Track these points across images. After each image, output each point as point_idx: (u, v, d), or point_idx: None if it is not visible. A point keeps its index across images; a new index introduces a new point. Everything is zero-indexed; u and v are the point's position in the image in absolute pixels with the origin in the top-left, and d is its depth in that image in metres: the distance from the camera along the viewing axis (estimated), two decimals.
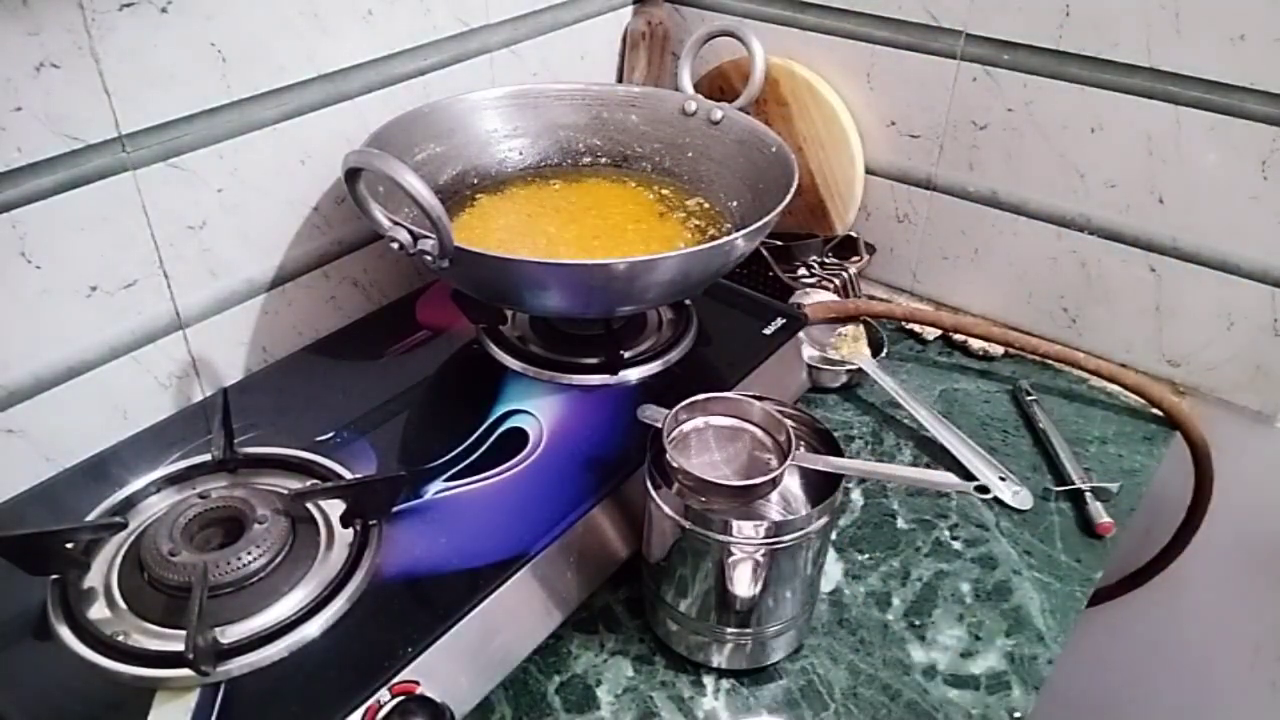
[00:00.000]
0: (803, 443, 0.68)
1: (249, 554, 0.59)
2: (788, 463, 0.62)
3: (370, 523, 0.64)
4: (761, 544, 0.60)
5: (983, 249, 1.02)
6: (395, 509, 0.65)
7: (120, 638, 0.56)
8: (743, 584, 0.62)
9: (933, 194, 1.02)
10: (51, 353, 0.70)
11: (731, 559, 0.61)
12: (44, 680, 0.55)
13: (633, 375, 0.78)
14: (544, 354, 0.80)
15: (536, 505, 0.66)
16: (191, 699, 0.53)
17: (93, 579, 0.60)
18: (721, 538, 0.60)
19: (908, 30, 0.96)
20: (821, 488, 0.66)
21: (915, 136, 1.00)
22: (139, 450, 0.71)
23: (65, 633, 0.56)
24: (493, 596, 0.61)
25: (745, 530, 0.60)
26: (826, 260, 1.04)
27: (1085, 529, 0.79)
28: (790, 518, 0.61)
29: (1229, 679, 1.03)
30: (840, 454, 0.65)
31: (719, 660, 0.66)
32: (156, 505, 0.66)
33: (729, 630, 0.65)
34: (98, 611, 0.58)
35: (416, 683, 0.56)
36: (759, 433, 0.67)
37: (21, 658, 0.56)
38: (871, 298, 1.05)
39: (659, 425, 0.65)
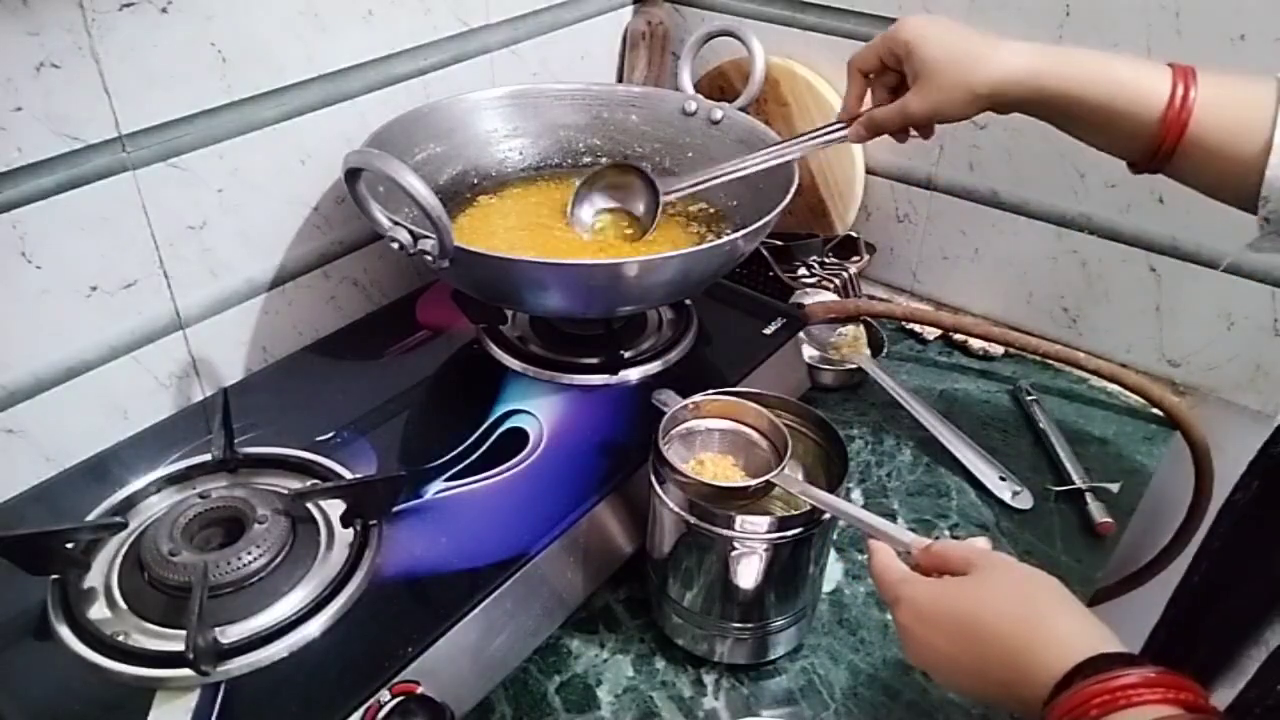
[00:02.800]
0: (805, 439, 0.68)
1: (249, 554, 0.59)
2: (769, 476, 0.62)
3: (370, 523, 0.64)
4: (765, 539, 0.60)
5: (983, 249, 1.02)
6: (395, 509, 0.65)
7: (120, 638, 0.56)
8: (746, 579, 0.62)
9: (933, 194, 1.02)
10: (51, 353, 0.70)
11: (735, 553, 0.61)
12: (44, 680, 0.55)
13: (633, 375, 0.78)
14: (544, 354, 0.80)
15: (537, 505, 0.66)
16: (191, 699, 0.53)
17: (93, 579, 0.60)
18: (726, 532, 0.60)
19: None
20: (824, 485, 0.66)
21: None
22: (139, 450, 0.71)
23: (65, 633, 0.56)
24: (493, 596, 0.61)
25: (749, 525, 0.60)
26: (826, 260, 1.04)
27: (1085, 529, 0.79)
28: (793, 514, 0.61)
29: None
30: (844, 451, 0.65)
31: (722, 653, 0.66)
32: (157, 505, 0.66)
33: (732, 624, 0.65)
34: (98, 611, 0.58)
35: (416, 683, 0.56)
36: (755, 435, 0.67)
37: (21, 658, 0.56)
38: (871, 298, 1.05)
39: (669, 411, 0.65)
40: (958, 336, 1.00)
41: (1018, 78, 0.64)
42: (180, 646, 0.52)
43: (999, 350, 0.99)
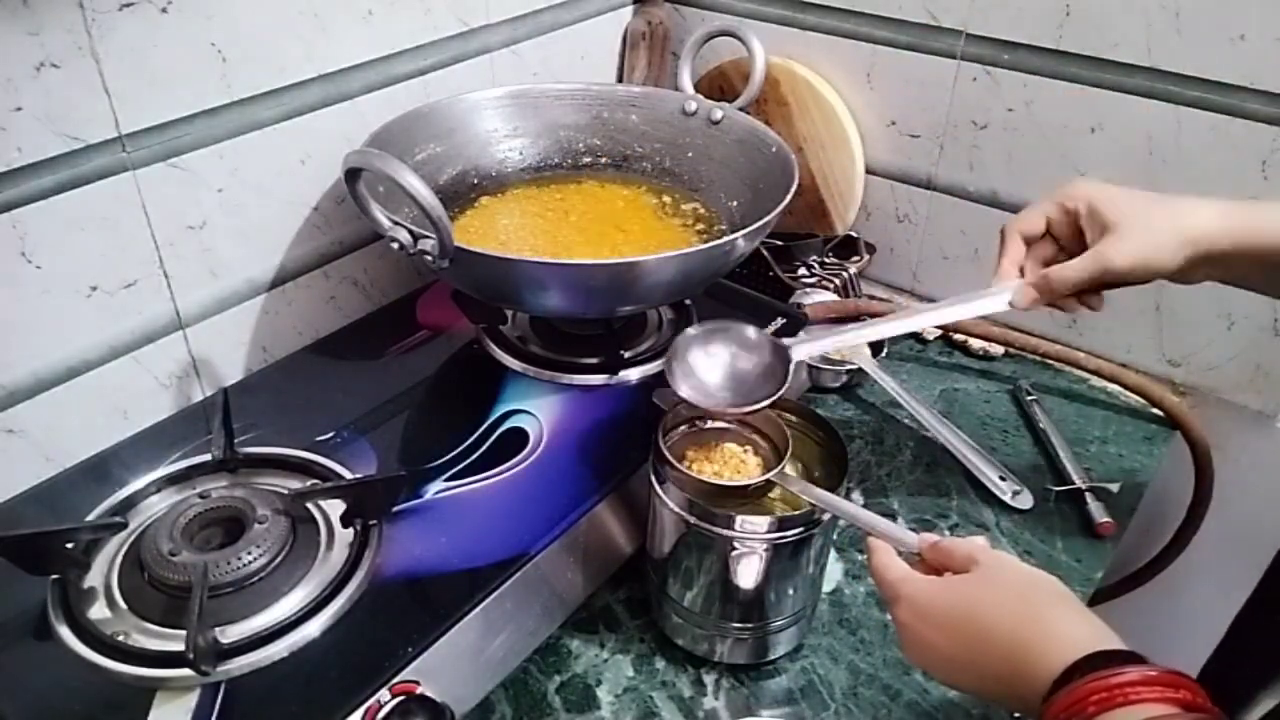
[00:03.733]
0: (805, 439, 0.68)
1: (249, 554, 0.59)
2: (769, 475, 0.62)
3: (370, 523, 0.64)
4: (765, 539, 0.60)
5: (983, 249, 1.02)
6: (395, 509, 0.65)
7: (120, 638, 0.56)
8: (746, 579, 0.62)
9: (933, 194, 1.02)
10: (51, 353, 0.70)
11: (735, 554, 0.61)
12: (44, 680, 0.55)
13: (633, 375, 0.78)
14: (544, 354, 0.80)
15: (537, 505, 0.66)
16: (191, 699, 0.53)
17: (93, 579, 0.60)
18: (726, 532, 0.60)
19: (908, 30, 0.96)
20: (824, 485, 0.66)
21: (915, 136, 1.00)
22: (139, 450, 0.71)
23: (65, 633, 0.56)
24: (493, 596, 0.61)
25: (749, 525, 0.60)
26: (826, 260, 1.04)
27: (1085, 529, 0.79)
28: (793, 514, 0.61)
29: None
30: (844, 451, 0.65)
31: (721, 653, 0.66)
32: (157, 505, 0.66)
33: (732, 624, 0.65)
34: (98, 611, 0.58)
35: (416, 683, 0.56)
36: (756, 436, 0.67)
37: (21, 658, 0.56)
38: (871, 298, 1.05)
39: (669, 409, 0.65)
40: (958, 336, 1.00)
41: (1220, 226, 0.59)
42: (180, 646, 0.52)
43: (999, 350, 0.99)
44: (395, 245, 0.65)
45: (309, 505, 0.64)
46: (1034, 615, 0.46)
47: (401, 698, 0.54)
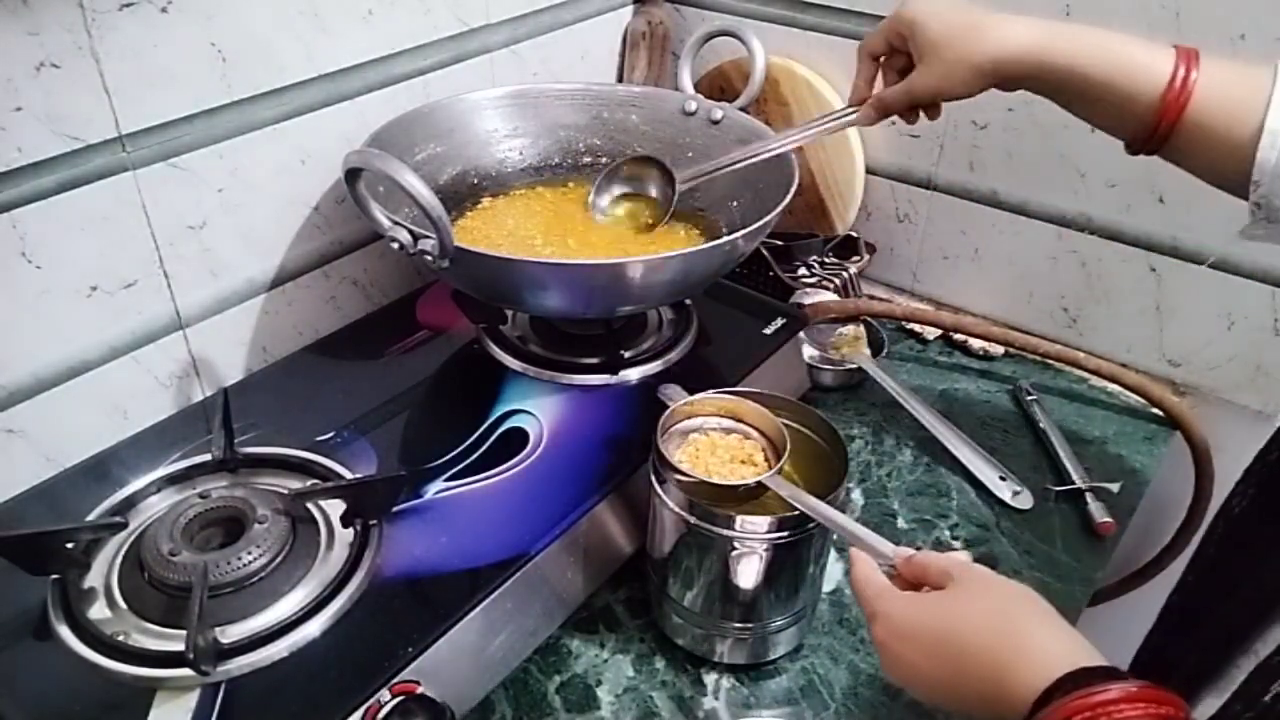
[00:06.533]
0: (805, 439, 0.68)
1: (249, 554, 0.59)
2: (761, 478, 0.62)
3: (370, 523, 0.64)
4: (765, 539, 0.60)
5: (983, 249, 1.02)
6: (395, 509, 0.65)
7: (120, 638, 0.56)
8: (746, 579, 0.62)
9: (933, 194, 1.02)
10: (52, 353, 0.70)
11: (735, 554, 0.61)
12: (44, 680, 0.55)
13: (633, 375, 0.78)
14: (544, 354, 0.80)
15: (537, 505, 0.66)
16: (191, 699, 0.53)
17: (93, 579, 0.60)
18: (726, 533, 0.60)
19: None
20: (824, 485, 0.66)
21: (915, 136, 1.00)
22: (139, 450, 0.71)
23: (65, 633, 0.56)
24: (493, 596, 0.61)
25: (749, 525, 0.60)
26: (827, 260, 1.04)
27: (1085, 529, 0.79)
28: (793, 514, 0.61)
29: None
30: (844, 451, 0.65)
31: (721, 653, 0.66)
32: (157, 505, 0.66)
33: (732, 624, 0.65)
34: (98, 611, 0.58)
35: (417, 683, 0.56)
36: (755, 434, 0.67)
37: (21, 658, 0.56)
38: (872, 297, 1.05)
39: (672, 405, 0.65)
40: (958, 336, 1.00)
41: (1020, 54, 0.63)
42: (180, 646, 0.52)
43: (999, 350, 0.99)
44: (395, 245, 0.65)
45: (309, 505, 0.64)
46: (1012, 632, 0.45)
47: (401, 698, 0.54)
